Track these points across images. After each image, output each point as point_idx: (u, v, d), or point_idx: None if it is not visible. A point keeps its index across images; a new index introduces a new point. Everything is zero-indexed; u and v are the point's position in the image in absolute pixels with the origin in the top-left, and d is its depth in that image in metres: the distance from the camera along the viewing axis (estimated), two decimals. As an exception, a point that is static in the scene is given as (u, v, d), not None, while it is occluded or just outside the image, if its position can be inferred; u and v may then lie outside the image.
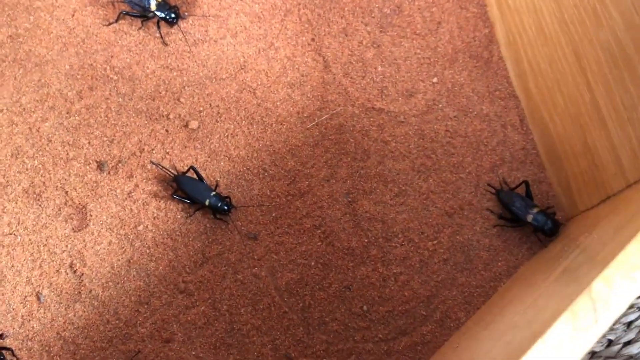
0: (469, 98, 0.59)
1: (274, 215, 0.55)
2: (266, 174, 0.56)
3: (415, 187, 0.56)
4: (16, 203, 0.54)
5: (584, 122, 0.50)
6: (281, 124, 0.58)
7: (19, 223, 0.53)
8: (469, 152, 0.58)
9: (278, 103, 0.58)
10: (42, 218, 0.53)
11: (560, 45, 0.51)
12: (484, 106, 0.59)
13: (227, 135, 0.57)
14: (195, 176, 0.54)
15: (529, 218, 0.53)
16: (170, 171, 0.55)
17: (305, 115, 0.58)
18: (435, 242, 0.55)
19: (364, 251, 0.54)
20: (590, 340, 0.31)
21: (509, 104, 0.59)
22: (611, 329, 0.50)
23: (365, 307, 0.53)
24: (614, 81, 0.45)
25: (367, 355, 0.52)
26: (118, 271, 0.52)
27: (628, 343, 0.50)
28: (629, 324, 0.51)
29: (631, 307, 0.50)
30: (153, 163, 0.55)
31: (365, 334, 0.52)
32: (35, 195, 0.54)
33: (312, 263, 0.54)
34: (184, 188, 0.53)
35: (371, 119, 0.58)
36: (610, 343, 0.51)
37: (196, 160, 0.56)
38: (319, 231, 0.55)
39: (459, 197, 0.57)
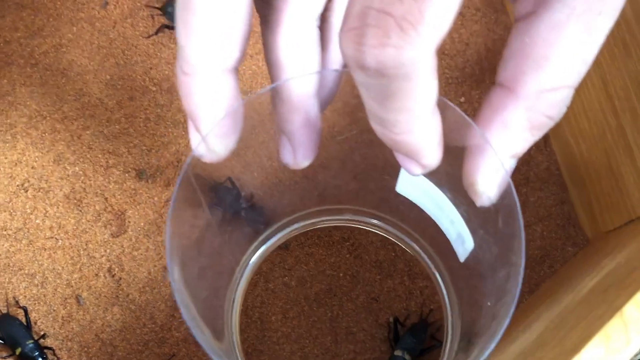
0: (495, 118, 0.61)
1: (303, 225, 0.57)
2: (297, 186, 0.58)
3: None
4: (57, 208, 0.56)
5: (608, 147, 0.52)
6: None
7: (60, 227, 0.55)
8: (494, 171, 0.59)
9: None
10: (82, 223, 0.55)
11: (588, 72, 0.53)
12: (509, 126, 0.61)
13: (261, 148, 0.59)
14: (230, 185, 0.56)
15: None
16: (208, 180, 0.56)
17: (335, 130, 0.60)
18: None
19: (390, 264, 0.56)
20: (622, 360, 0.33)
21: (533, 125, 0.61)
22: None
23: (391, 319, 0.55)
24: (641, 110, 0.47)
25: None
26: (154, 277, 0.54)
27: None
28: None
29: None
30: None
31: (388, 347, 0.54)
32: (75, 201, 0.56)
33: (341, 274, 0.56)
34: (221, 195, 0.55)
35: (400, 136, 0.60)
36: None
37: (232, 172, 0.58)
38: (348, 243, 0.57)
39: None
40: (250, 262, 0.56)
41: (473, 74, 0.62)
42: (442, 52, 0.63)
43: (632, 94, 0.48)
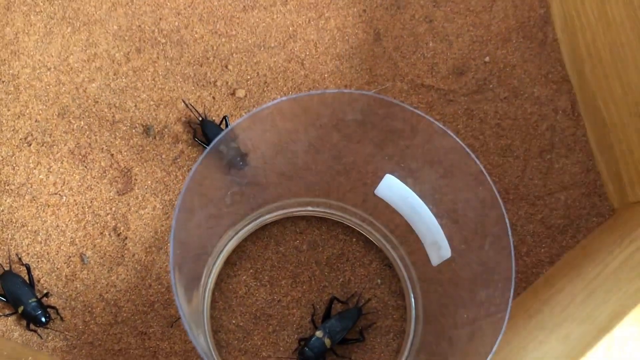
0: (521, 80, 0.58)
1: (317, 188, 0.55)
2: (311, 147, 0.56)
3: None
4: (62, 163, 0.54)
5: (643, 113, 0.49)
6: (327, 107, 0.57)
7: (64, 183, 0.53)
8: (518, 136, 0.57)
9: (326, 75, 0.58)
10: (87, 179, 0.53)
11: (625, 30, 0.49)
12: (535, 89, 0.58)
13: (276, 109, 0.56)
14: (224, 126, 0.54)
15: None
16: (199, 114, 0.54)
17: (353, 88, 0.57)
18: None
19: (405, 231, 0.54)
20: (657, 340, 0.30)
21: (561, 88, 0.58)
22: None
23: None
24: (682, 73, 0.44)
25: (404, 334, 0.52)
26: (161, 236, 0.53)
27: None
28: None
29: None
30: (184, 102, 0.54)
31: (403, 313, 0.52)
32: (80, 157, 0.54)
33: (354, 239, 0.54)
34: (206, 132, 0.53)
35: (420, 96, 0.57)
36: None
37: (243, 130, 0.55)
38: (361, 209, 0.54)
39: (505, 180, 0.56)
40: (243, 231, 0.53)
41: (499, 32, 0.59)
42: (467, 9, 0.59)
43: (673, 55, 0.45)
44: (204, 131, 0.54)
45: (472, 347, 0.36)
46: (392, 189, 0.48)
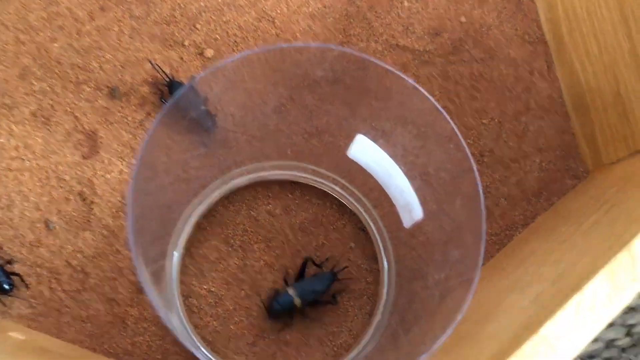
0: (497, 41, 0.57)
1: (289, 151, 0.53)
2: (283, 109, 0.54)
3: (436, 131, 0.55)
4: (24, 126, 0.52)
5: (618, 72, 0.48)
6: (299, 63, 0.55)
7: (26, 147, 0.51)
8: (493, 98, 0.56)
9: (298, 34, 0.56)
10: (51, 143, 0.52)
11: (602, -11, 0.49)
12: (511, 50, 0.57)
13: (244, 65, 0.54)
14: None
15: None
16: (166, 75, 0.52)
17: (325, 54, 0.56)
18: (454, 188, 0.54)
19: (380, 194, 0.53)
20: (628, 298, 0.30)
21: (537, 49, 0.57)
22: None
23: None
24: (659, 30, 0.43)
25: (377, 297, 0.51)
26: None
27: None
28: None
29: None
30: (151, 63, 0.52)
31: (377, 276, 0.52)
32: (43, 119, 0.52)
33: (327, 203, 0.53)
34: (174, 93, 0.51)
35: (394, 57, 0.56)
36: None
37: (211, 89, 0.54)
38: (335, 172, 0.53)
39: (480, 143, 0.55)
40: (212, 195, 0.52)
41: (476, -9, 0.58)
42: (444, -34, 0.57)
43: (650, 13, 0.44)
44: (171, 92, 0.52)
45: (443, 308, 0.36)
46: (365, 150, 0.48)
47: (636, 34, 0.45)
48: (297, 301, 0.48)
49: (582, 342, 0.29)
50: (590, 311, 0.29)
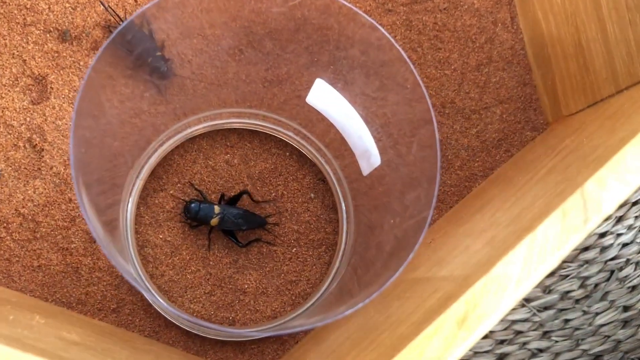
0: (461, -10, 0.56)
1: (249, 99, 0.52)
2: (242, 56, 0.53)
3: (398, 81, 0.54)
4: (-33, 69, 0.49)
5: (580, 23, 0.48)
6: (261, 2, 0.53)
7: (-29, 91, 0.49)
8: (456, 48, 0.55)
9: (258, -21, 0.54)
10: (-3, 87, 0.49)
11: (566, -64, 0.48)
12: (475, 0, 0.56)
13: (201, 11, 0.53)
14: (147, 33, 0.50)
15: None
16: (119, 17, 0.50)
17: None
18: (412, 137, 0.53)
19: (340, 145, 0.52)
20: (579, 238, 0.30)
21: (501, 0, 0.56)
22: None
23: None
24: (621, -22, 0.43)
25: (335, 247, 0.51)
26: (81, 149, 0.49)
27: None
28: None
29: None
30: (103, 5, 0.50)
31: (335, 226, 0.52)
32: (-12, 62, 0.50)
33: (287, 154, 0.52)
34: (129, 37, 0.49)
35: (357, 5, 0.55)
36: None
37: (167, 36, 0.52)
38: (295, 122, 0.52)
39: (442, 94, 0.55)
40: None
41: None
42: None
43: (613, -40, 0.43)
44: (125, 37, 0.50)
45: (396, 250, 0.36)
46: (324, 95, 0.47)
47: (598, -18, 0.45)
48: (215, 221, 0.47)
49: (533, 281, 0.29)
50: (541, 251, 0.29)
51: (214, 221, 0.47)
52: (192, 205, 0.47)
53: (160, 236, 0.49)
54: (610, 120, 0.40)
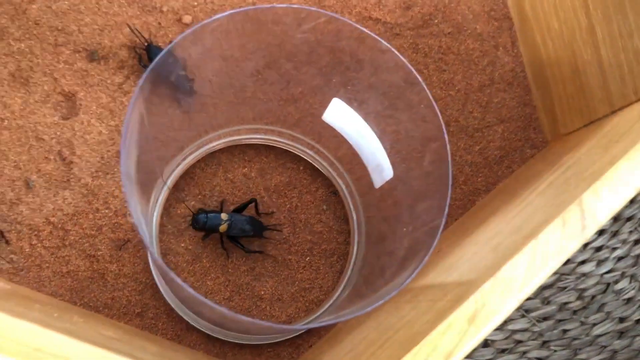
0: (464, 16, 0.60)
1: (265, 117, 0.55)
2: (260, 76, 0.56)
3: (405, 101, 0.57)
4: (2, 86, 0.52)
5: (577, 48, 0.51)
6: (276, 25, 0.57)
7: (5, 107, 0.52)
8: (460, 70, 0.59)
9: (274, 2, 0.57)
10: (30, 103, 0.52)
11: (564, -32, 0.51)
12: (478, 25, 0.60)
13: (221, 33, 0.56)
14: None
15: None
16: (145, 38, 0.54)
17: (302, 16, 0.57)
18: (424, 152, 0.56)
19: (352, 159, 0.55)
20: (577, 244, 0.33)
21: (502, 25, 0.60)
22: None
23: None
24: (614, 8, 0.46)
25: (347, 256, 0.54)
26: (108, 162, 0.52)
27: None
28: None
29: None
30: (129, 27, 0.54)
31: (347, 237, 0.55)
32: (22, 80, 0.53)
33: (301, 167, 0.55)
34: (152, 57, 0.52)
35: (367, 29, 0.58)
36: (567, 262, 0.56)
37: (189, 56, 0.55)
38: (309, 137, 0.56)
39: (447, 113, 0.58)
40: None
41: (446, -32, 0.60)
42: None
43: (606, -9, 0.47)
44: (149, 56, 0.53)
45: (409, 256, 0.39)
46: (339, 113, 0.50)
47: (593, 10, 0.49)
48: (224, 227, 0.50)
49: (536, 282, 0.32)
50: (543, 255, 0.32)
51: (223, 227, 0.50)
52: (200, 216, 0.49)
53: (182, 245, 0.52)
54: (605, 138, 0.43)
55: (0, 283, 0.47)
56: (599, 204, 0.34)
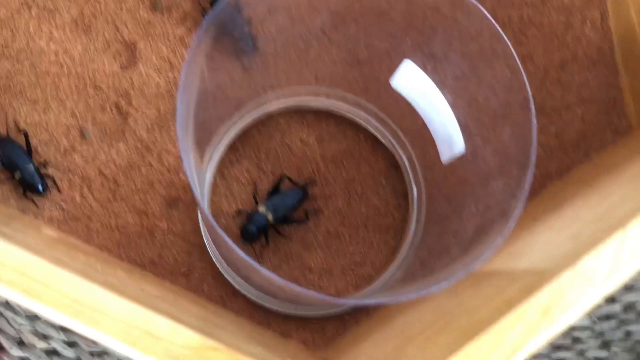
0: (551, -15, 0.55)
1: (328, 79, 0.53)
2: (325, 37, 0.53)
3: (478, 74, 0.53)
4: (64, 32, 0.51)
5: (678, 25, 0.47)
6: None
7: (65, 52, 0.51)
8: (540, 44, 0.54)
9: (346, -37, 0.54)
10: (90, 51, 0.51)
11: None
12: (564, -3, 0.55)
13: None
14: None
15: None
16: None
17: None
18: (490, 132, 0.53)
19: (418, 130, 0.52)
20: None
21: (592, -3, 0.55)
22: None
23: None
24: None
25: (403, 234, 0.51)
26: (164, 116, 0.51)
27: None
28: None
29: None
30: None
31: (405, 214, 0.52)
32: (84, 26, 0.52)
33: (362, 137, 0.53)
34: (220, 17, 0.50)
35: (444, -5, 0.54)
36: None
37: (255, 12, 0.53)
38: (373, 104, 0.53)
39: (524, 90, 0.54)
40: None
41: None
42: None
43: None
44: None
45: (477, 238, 0.36)
46: (409, 77, 0.46)
47: (703, -17, 0.44)
48: (270, 216, 0.48)
49: (621, 277, 0.28)
50: (633, 247, 0.29)
51: (270, 217, 0.48)
52: (247, 227, 0.47)
53: (234, 207, 0.51)
54: None
55: (48, 231, 0.46)
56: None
